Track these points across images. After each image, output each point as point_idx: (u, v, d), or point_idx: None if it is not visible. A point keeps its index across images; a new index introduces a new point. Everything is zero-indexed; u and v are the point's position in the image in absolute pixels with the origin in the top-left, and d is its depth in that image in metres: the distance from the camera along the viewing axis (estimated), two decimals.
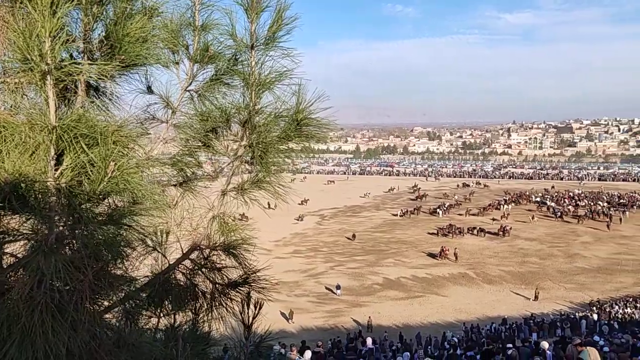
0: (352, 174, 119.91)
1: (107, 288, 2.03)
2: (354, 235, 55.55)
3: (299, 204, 73.87)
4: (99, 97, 2.21)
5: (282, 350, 15.21)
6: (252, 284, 2.48)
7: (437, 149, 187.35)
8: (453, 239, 52.24)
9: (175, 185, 2.52)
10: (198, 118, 2.41)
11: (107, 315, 2.20)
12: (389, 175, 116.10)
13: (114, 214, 1.94)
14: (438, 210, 66.50)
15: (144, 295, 2.42)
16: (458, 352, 16.94)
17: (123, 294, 2.26)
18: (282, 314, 31.70)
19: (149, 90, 2.59)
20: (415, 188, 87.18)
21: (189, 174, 2.52)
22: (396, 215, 66.62)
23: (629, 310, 30.22)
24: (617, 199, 68.81)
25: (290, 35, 2.34)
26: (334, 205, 74.99)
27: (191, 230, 2.48)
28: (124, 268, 2.25)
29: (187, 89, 2.55)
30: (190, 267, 2.46)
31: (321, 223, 64.43)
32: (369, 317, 31.40)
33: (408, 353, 17.58)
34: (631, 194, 71.41)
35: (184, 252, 2.42)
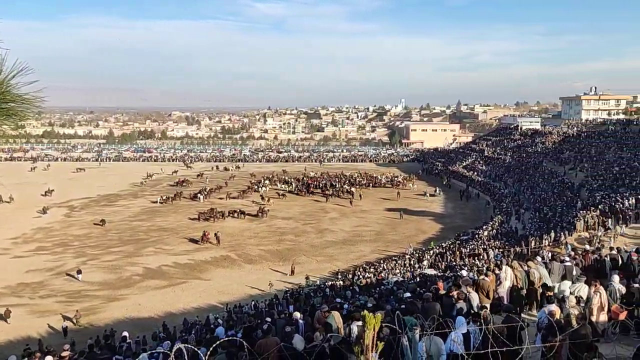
0: (104, 160, 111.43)
1: None
2: (102, 221, 52.22)
3: (42, 195, 66.44)
4: None
5: None
6: None
7: (197, 134, 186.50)
8: (215, 222, 52.88)
9: None
10: None
11: None
12: (147, 161, 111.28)
13: None
14: (199, 195, 66.46)
15: None
16: (220, 333, 17.15)
17: None
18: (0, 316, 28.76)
19: None
20: (188, 176, 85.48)
21: None
22: (156, 202, 64.44)
23: (367, 274, 34.51)
24: (348, 179, 77.06)
25: None
26: (86, 195, 68.95)
27: None
28: None
29: None
30: None
31: (70, 215, 58.63)
32: (77, 310, 30.06)
33: (168, 342, 17.19)
34: (351, 174, 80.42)
35: None
